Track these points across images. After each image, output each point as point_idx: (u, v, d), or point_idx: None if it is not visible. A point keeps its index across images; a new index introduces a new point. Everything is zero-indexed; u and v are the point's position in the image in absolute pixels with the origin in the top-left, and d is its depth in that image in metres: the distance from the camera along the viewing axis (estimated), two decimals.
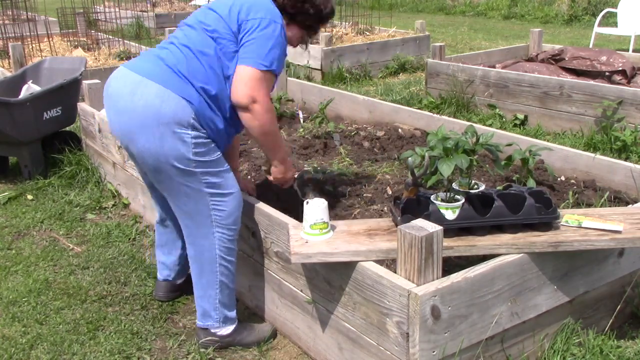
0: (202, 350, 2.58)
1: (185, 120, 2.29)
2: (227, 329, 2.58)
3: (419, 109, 5.30)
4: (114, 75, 2.48)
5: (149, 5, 12.68)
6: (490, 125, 5.18)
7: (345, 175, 3.57)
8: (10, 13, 9.77)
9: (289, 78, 5.55)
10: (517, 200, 2.31)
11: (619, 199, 3.11)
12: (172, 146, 2.29)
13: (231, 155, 2.78)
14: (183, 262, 2.86)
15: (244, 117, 2.39)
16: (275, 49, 2.37)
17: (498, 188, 2.52)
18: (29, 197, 4.26)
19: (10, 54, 7.04)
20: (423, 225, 2.02)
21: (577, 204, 3.08)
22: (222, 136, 2.45)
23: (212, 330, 2.57)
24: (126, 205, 4.07)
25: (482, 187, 2.37)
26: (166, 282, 2.92)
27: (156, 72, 2.34)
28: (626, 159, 4.33)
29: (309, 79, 7.49)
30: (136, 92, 2.32)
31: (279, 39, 2.40)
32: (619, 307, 2.58)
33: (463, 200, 2.27)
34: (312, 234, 2.26)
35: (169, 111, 2.28)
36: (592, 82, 5.29)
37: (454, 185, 2.36)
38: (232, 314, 2.59)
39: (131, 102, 2.33)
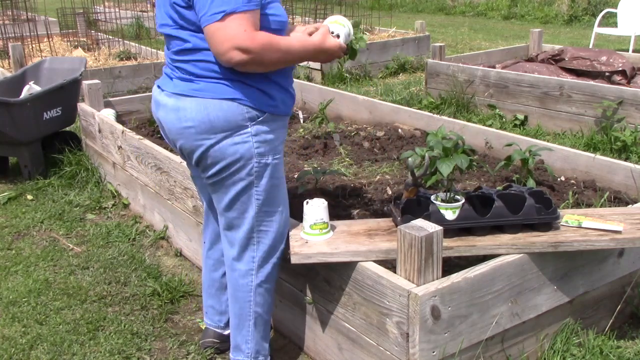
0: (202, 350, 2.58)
1: (239, 120, 2.08)
2: None
3: (419, 109, 5.30)
4: (152, 99, 2.28)
5: (149, 5, 12.66)
6: (490, 126, 5.18)
7: (345, 176, 3.57)
8: (10, 13, 9.76)
9: None
10: (517, 200, 2.31)
11: (619, 199, 3.11)
12: (233, 152, 2.09)
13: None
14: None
15: (244, 68, 2.03)
16: None
17: (498, 188, 2.52)
18: (29, 197, 4.26)
19: (10, 54, 7.05)
20: (423, 226, 2.02)
21: (577, 204, 3.08)
22: (278, 93, 2.14)
23: None
24: (126, 206, 4.07)
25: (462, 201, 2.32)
26: (214, 331, 2.59)
27: (180, 86, 2.13)
28: (626, 159, 4.33)
29: (308, 79, 7.49)
30: (179, 116, 2.11)
31: None
32: (619, 307, 2.58)
33: (463, 200, 2.27)
34: (312, 234, 2.26)
35: (219, 118, 2.07)
36: (592, 82, 5.29)
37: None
38: (265, 348, 2.36)
39: (182, 128, 2.12)
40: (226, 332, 2.57)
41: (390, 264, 2.20)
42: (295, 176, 3.45)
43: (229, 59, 1.97)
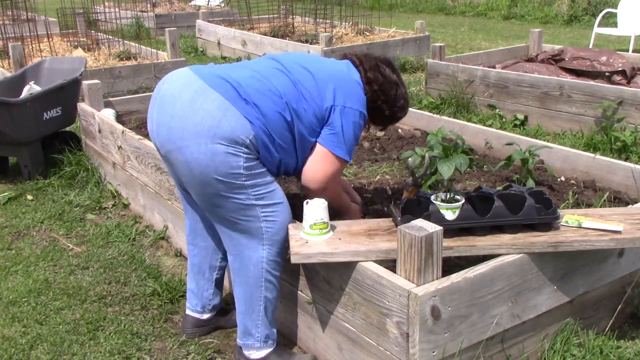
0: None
1: (241, 139, 2.17)
2: (265, 351, 2.41)
3: (419, 109, 5.30)
4: (174, 76, 2.32)
5: (149, 5, 12.67)
6: (490, 126, 5.18)
7: (345, 176, 3.57)
8: (10, 13, 9.76)
9: None
10: (517, 200, 2.31)
11: (619, 199, 3.11)
12: (224, 160, 2.16)
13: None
14: (212, 291, 2.66)
15: (310, 193, 2.39)
16: (356, 141, 2.39)
17: (498, 188, 2.52)
18: (29, 197, 4.26)
19: (10, 54, 7.05)
20: (423, 226, 2.02)
21: (577, 204, 3.08)
22: (274, 166, 2.33)
23: (247, 352, 2.42)
24: (126, 206, 4.07)
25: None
26: (192, 318, 2.69)
27: (223, 86, 2.22)
28: (626, 159, 4.33)
29: None
30: (197, 100, 2.19)
31: (360, 132, 2.41)
32: (619, 307, 2.58)
33: (463, 200, 2.27)
34: (312, 234, 2.26)
35: (228, 127, 2.15)
36: (592, 82, 5.29)
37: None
38: (273, 333, 2.44)
39: (190, 109, 2.18)
40: (204, 317, 2.69)
41: (387, 264, 2.20)
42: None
43: (316, 185, 2.35)
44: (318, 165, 2.34)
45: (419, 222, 2.05)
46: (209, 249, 2.60)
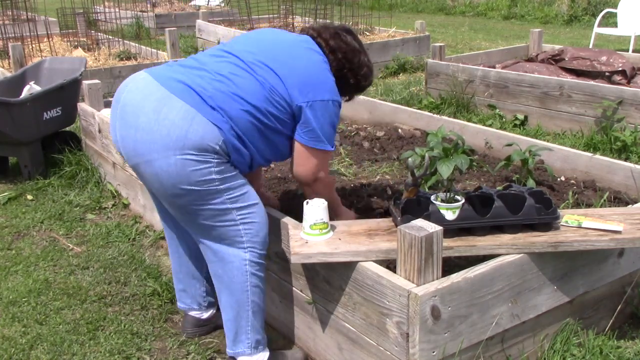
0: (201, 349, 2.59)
1: (210, 146, 2.11)
2: (257, 357, 2.37)
3: (419, 109, 5.30)
4: (134, 84, 2.23)
5: (149, 5, 12.67)
6: (490, 126, 5.18)
7: (345, 176, 3.57)
8: (10, 13, 9.76)
9: None
10: (517, 200, 2.31)
11: (619, 199, 3.11)
12: (194, 169, 2.11)
13: (255, 177, 2.69)
14: (205, 289, 2.65)
15: (304, 189, 2.50)
16: (334, 127, 2.39)
17: (498, 188, 2.52)
18: (29, 197, 4.27)
19: (10, 54, 7.05)
20: (423, 226, 2.02)
21: (577, 204, 3.08)
22: (246, 165, 2.30)
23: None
24: (126, 206, 4.07)
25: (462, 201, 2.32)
26: (192, 317, 2.69)
27: (186, 92, 2.15)
28: (626, 159, 4.33)
29: None
30: (161, 110, 2.11)
31: (338, 117, 2.40)
32: (619, 307, 2.58)
33: (463, 200, 2.27)
34: (312, 234, 2.26)
35: (196, 136, 2.09)
36: (592, 82, 5.29)
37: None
38: (264, 337, 2.40)
39: (155, 121, 2.11)
40: (204, 316, 2.70)
41: (386, 264, 2.20)
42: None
43: (306, 178, 2.41)
44: (302, 161, 2.38)
45: (419, 222, 2.05)
46: (192, 250, 2.56)
